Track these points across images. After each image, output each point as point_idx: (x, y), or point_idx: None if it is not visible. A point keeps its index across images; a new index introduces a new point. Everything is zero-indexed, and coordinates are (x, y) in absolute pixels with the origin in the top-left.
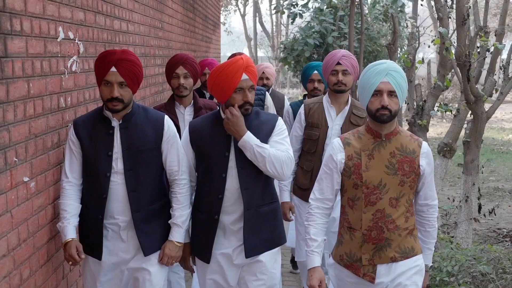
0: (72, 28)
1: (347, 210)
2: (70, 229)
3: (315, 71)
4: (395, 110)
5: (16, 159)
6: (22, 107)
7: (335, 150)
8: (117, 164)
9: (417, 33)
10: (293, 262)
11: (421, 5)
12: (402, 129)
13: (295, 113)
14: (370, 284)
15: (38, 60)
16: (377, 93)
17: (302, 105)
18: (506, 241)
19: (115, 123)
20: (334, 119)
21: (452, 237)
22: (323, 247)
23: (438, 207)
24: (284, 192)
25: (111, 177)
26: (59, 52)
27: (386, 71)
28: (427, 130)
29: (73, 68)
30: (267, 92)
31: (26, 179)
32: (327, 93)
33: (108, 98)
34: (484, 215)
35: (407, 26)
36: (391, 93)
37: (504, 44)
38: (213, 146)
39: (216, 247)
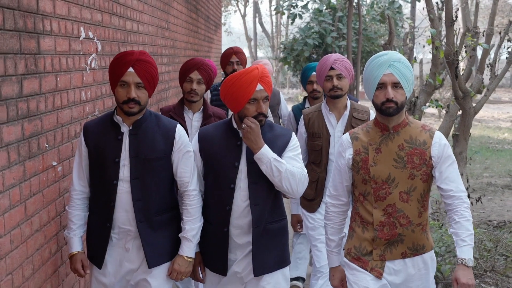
0: (92, 28)
1: (358, 205)
2: (76, 240)
3: (314, 72)
4: (401, 102)
5: (47, 145)
6: (51, 99)
7: (343, 146)
8: (124, 171)
9: (411, 34)
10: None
11: (413, 7)
12: (413, 120)
13: (296, 116)
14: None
15: (64, 57)
16: (381, 86)
17: (302, 116)
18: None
19: (125, 128)
20: (335, 127)
21: (442, 225)
22: (342, 244)
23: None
24: (293, 204)
25: (118, 184)
26: (81, 50)
27: (389, 63)
28: None
29: (92, 65)
30: None
31: (54, 163)
32: (325, 100)
33: (124, 100)
34: (472, 204)
35: (402, 26)
36: (396, 85)
37: (493, 44)
38: (222, 155)
39: None
